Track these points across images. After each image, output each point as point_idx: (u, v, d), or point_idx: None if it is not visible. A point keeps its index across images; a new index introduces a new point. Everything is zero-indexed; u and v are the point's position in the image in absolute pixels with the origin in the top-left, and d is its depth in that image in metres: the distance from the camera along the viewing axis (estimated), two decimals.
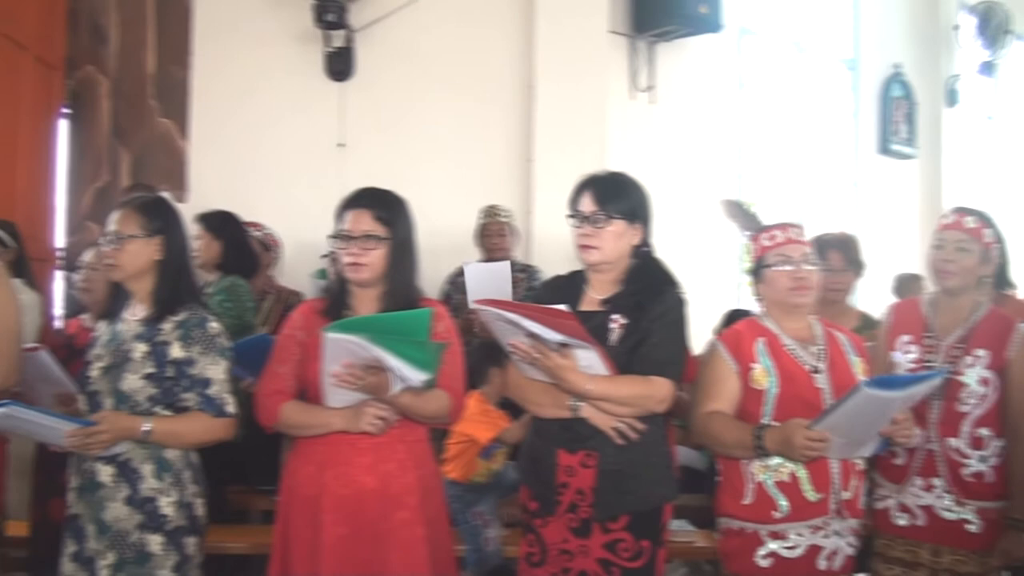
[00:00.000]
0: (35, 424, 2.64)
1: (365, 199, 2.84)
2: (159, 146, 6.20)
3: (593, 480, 2.73)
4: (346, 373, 2.61)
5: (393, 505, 2.74)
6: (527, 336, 2.64)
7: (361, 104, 6.13)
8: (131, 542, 2.69)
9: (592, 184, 2.85)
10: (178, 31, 6.23)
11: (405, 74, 6.13)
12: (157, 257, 2.82)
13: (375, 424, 2.68)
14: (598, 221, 2.78)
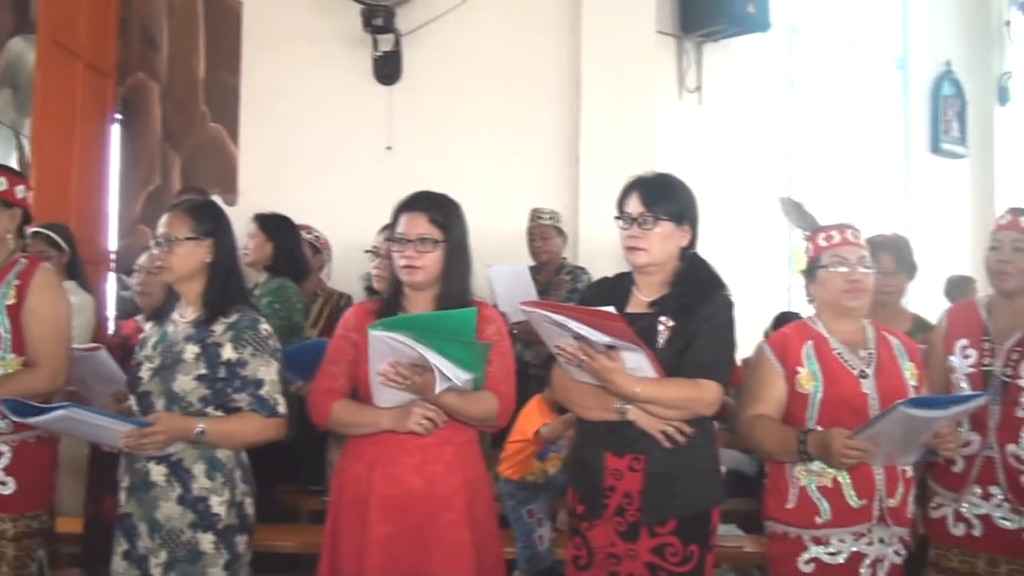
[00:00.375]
0: (92, 425, 2.65)
1: (420, 202, 2.83)
2: (209, 150, 6.29)
3: (641, 483, 2.70)
4: (392, 372, 2.61)
5: (439, 506, 2.73)
6: (574, 338, 2.61)
7: (408, 107, 6.15)
8: (183, 541, 2.71)
9: (639, 185, 2.81)
10: (228, 37, 6.32)
11: (452, 77, 6.14)
12: (207, 259, 2.84)
13: (422, 424, 2.67)
14: (646, 223, 2.75)
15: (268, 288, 4.32)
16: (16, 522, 2.92)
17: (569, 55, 6.00)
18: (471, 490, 2.78)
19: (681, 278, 2.81)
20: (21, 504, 2.93)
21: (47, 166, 5.41)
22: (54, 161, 5.52)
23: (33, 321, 2.96)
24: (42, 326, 2.98)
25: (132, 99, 6.39)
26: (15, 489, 2.91)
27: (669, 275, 2.81)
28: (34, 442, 2.97)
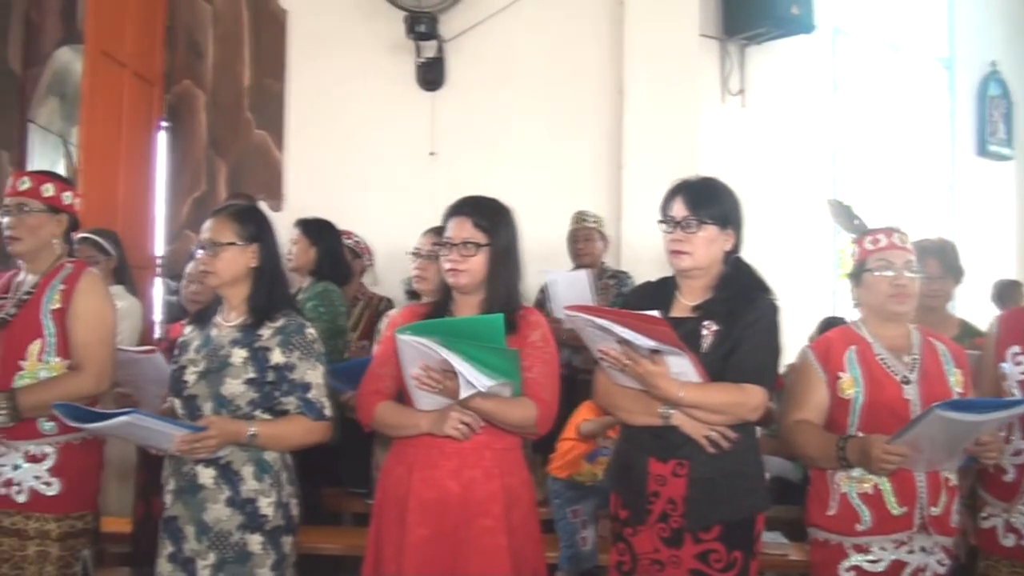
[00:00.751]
0: (150, 430, 2.67)
1: (466, 207, 2.84)
2: (255, 157, 6.35)
3: (685, 489, 2.67)
4: (424, 376, 2.62)
5: (476, 512, 2.72)
6: (618, 342, 2.59)
7: (451, 113, 6.17)
8: (232, 542, 2.73)
9: (684, 189, 2.79)
10: (273, 45, 6.39)
11: (495, 82, 6.15)
12: (252, 264, 2.86)
13: (458, 429, 2.67)
14: (690, 226, 2.73)
15: (312, 292, 4.35)
16: (61, 522, 2.95)
17: (612, 59, 5.97)
18: (509, 496, 2.76)
19: (726, 282, 2.78)
20: (66, 505, 2.96)
21: (95, 173, 5.49)
22: (102, 168, 5.60)
23: (78, 325, 2.99)
24: (87, 330, 3.01)
25: (178, 107, 6.47)
26: (60, 490, 2.94)
27: (713, 279, 2.79)
28: (79, 444, 3.01)
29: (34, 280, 3.05)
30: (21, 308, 3.00)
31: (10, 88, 6.53)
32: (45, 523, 2.93)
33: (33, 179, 3.08)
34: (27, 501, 2.92)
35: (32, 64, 6.59)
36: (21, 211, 3.02)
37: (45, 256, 3.08)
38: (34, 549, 2.91)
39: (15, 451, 2.93)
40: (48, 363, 2.97)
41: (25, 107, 6.58)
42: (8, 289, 3.10)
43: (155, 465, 3.25)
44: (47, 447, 2.95)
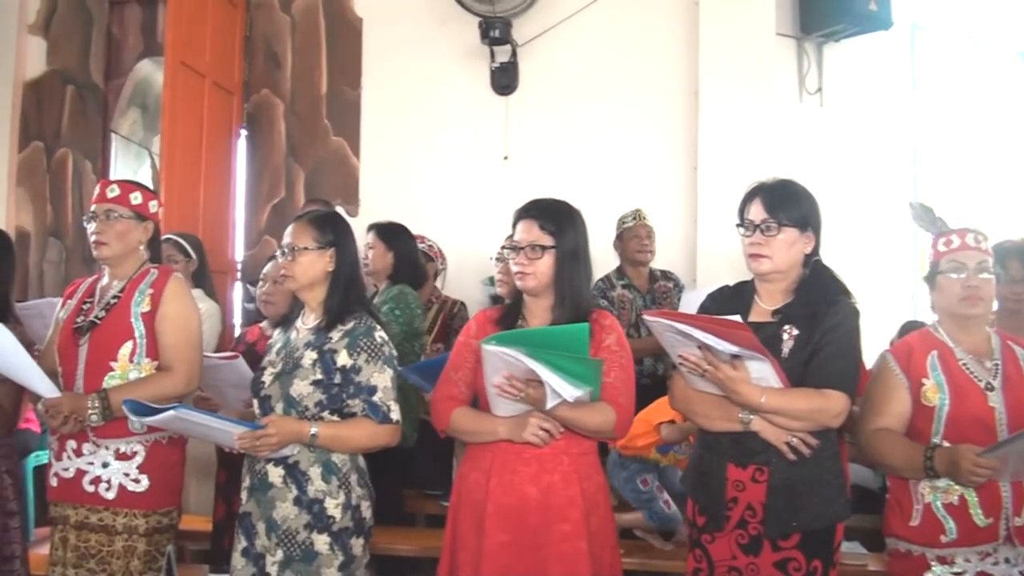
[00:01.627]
0: (205, 426, 2.74)
1: (533, 210, 2.84)
2: (332, 163, 6.43)
3: (764, 496, 2.63)
4: (507, 384, 2.61)
5: (555, 517, 2.70)
6: (698, 347, 2.56)
7: (525, 117, 6.17)
8: (299, 541, 2.77)
9: (762, 191, 2.75)
10: (349, 53, 6.46)
11: (568, 85, 6.12)
12: (329, 268, 2.90)
13: (538, 435, 2.66)
14: (769, 229, 2.68)
15: (389, 295, 4.38)
16: (148, 518, 3.03)
17: (686, 60, 5.91)
18: (588, 501, 2.74)
19: (805, 286, 2.73)
20: (153, 501, 3.04)
21: (176, 181, 5.60)
22: (183, 176, 5.72)
23: (167, 327, 3.07)
24: (176, 332, 3.08)
25: (257, 115, 6.58)
26: (148, 487, 3.02)
27: (793, 283, 2.74)
28: (165, 443, 3.09)
29: (120, 285, 3.12)
30: (109, 312, 3.07)
31: (93, 100, 6.74)
32: (133, 519, 3.00)
33: (122, 187, 3.16)
34: (115, 497, 2.99)
35: (114, 77, 6.78)
36: (109, 217, 3.09)
37: (130, 262, 3.15)
38: (121, 544, 2.99)
39: (105, 449, 3.01)
40: (139, 364, 3.04)
41: (108, 118, 6.78)
42: (92, 294, 3.18)
43: (234, 464, 3.33)
44: (136, 445, 3.03)
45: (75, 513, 3.03)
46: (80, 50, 6.76)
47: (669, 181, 5.95)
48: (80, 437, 3.01)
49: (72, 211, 6.66)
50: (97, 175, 6.58)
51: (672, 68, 5.99)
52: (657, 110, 6.02)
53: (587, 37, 6.09)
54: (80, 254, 6.58)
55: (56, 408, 2.93)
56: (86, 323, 3.07)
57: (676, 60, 5.97)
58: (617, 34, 6.09)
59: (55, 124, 6.74)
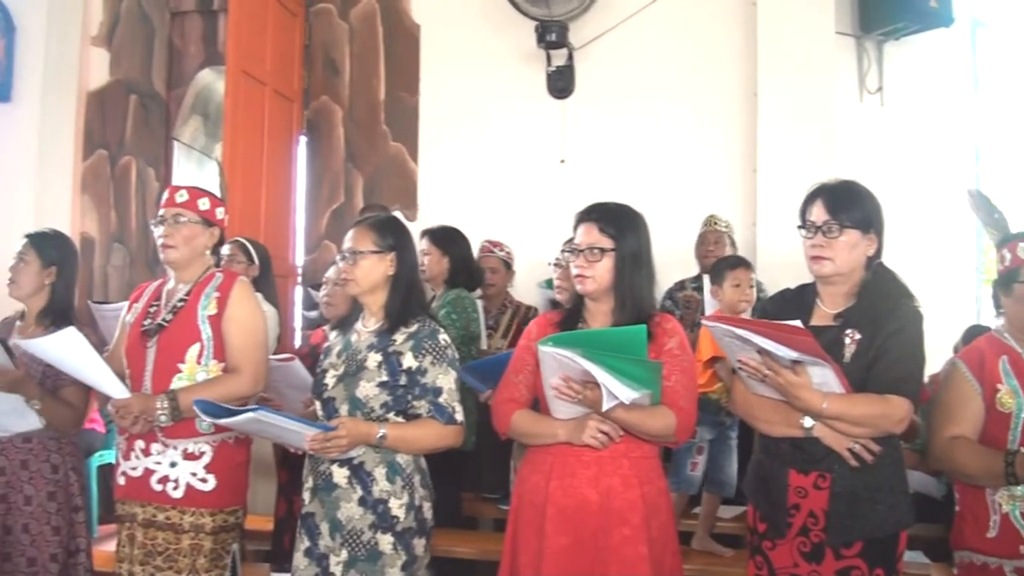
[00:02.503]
0: (279, 428, 2.77)
1: (592, 212, 2.84)
2: (391, 168, 6.51)
3: (826, 503, 2.59)
4: (564, 386, 2.61)
5: (615, 520, 2.69)
6: (758, 352, 2.54)
7: (582, 120, 6.18)
8: (363, 541, 2.79)
9: (823, 192, 2.71)
10: (407, 60, 6.54)
11: (625, 88, 6.12)
12: (390, 273, 2.93)
13: (596, 438, 2.66)
14: (831, 231, 2.64)
15: (446, 299, 4.40)
16: (215, 516, 3.08)
17: (745, 61, 5.87)
18: (649, 506, 2.73)
19: (867, 289, 2.69)
20: (220, 500, 3.09)
21: (238, 187, 5.72)
22: (245, 182, 5.83)
23: (234, 330, 3.12)
24: (242, 334, 3.14)
25: (316, 122, 6.68)
26: (215, 486, 3.07)
27: (855, 286, 2.70)
28: (232, 443, 3.14)
29: (186, 288, 3.18)
30: (176, 315, 3.13)
31: (156, 109, 6.90)
32: (200, 517, 3.06)
33: (191, 192, 3.22)
34: (183, 496, 3.05)
35: (176, 86, 6.94)
36: (177, 221, 3.15)
37: (196, 266, 3.21)
38: (188, 542, 3.04)
39: (173, 449, 3.07)
40: (206, 366, 3.10)
41: (170, 126, 6.93)
42: (159, 297, 3.24)
43: (296, 464, 3.38)
44: (204, 445, 3.09)
45: (142, 511, 3.09)
46: (142, 60, 6.93)
47: (728, 183, 5.92)
48: (148, 437, 3.07)
49: (136, 217, 6.83)
50: (160, 182, 6.73)
51: (730, 69, 5.97)
52: (715, 112, 6.00)
53: (644, 39, 6.09)
54: (144, 259, 6.73)
55: (126, 409, 2.99)
56: (154, 326, 3.13)
57: (734, 61, 5.95)
58: (674, 36, 6.07)
59: (119, 133, 6.91)
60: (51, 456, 3.46)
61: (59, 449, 3.49)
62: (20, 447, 3.43)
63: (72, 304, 3.66)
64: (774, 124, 5.64)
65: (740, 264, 4.27)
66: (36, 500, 3.42)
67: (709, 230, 5.24)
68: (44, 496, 3.43)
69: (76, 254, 3.73)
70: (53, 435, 3.46)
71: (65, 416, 3.44)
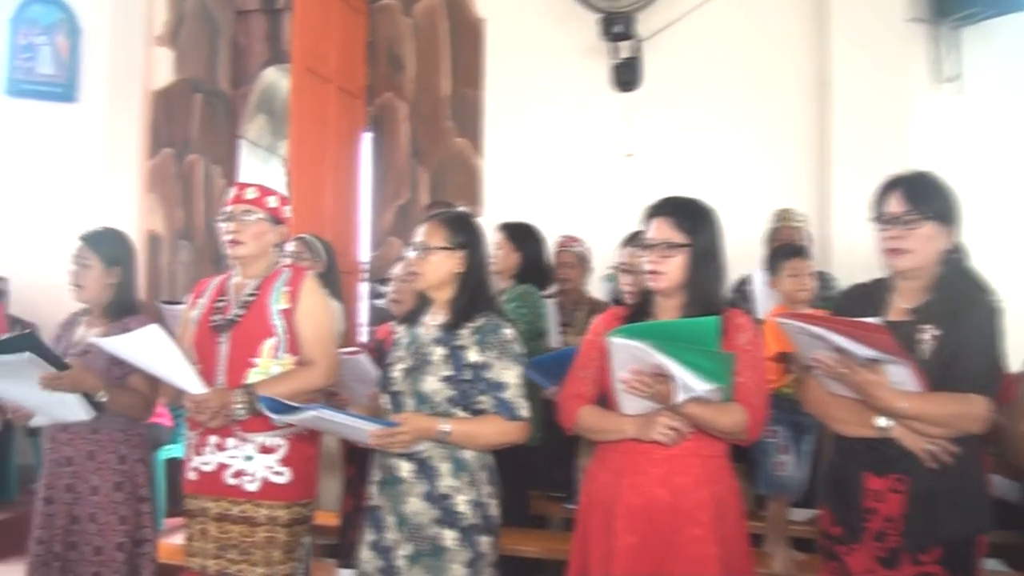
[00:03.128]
0: (342, 425, 2.83)
1: (666, 207, 2.82)
2: (455, 164, 6.57)
3: (903, 506, 2.55)
4: (634, 379, 2.61)
5: (685, 520, 2.67)
6: (834, 350, 2.51)
7: (648, 113, 6.17)
8: (428, 535, 2.82)
9: (901, 183, 2.66)
10: (471, 55, 6.59)
11: (693, 79, 6.10)
12: (458, 270, 2.95)
13: (666, 434, 2.64)
14: (909, 222, 2.59)
15: (514, 294, 4.42)
16: (289, 509, 3.13)
17: (816, 50, 5.81)
18: (719, 505, 2.71)
19: (944, 283, 2.64)
20: (294, 493, 3.15)
21: (303, 184, 5.81)
22: (310, 179, 5.93)
23: (307, 323, 3.18)
24: (315, 328, 3.19)
25: (381, 118, 6.76)
26: (290, 479, 3.14)
27: (931, 280, 2.65)
28: (306, 435, 3.20)
29: (255, 283, 3.24)
30: (248, 309, 3.19)
31: (221, 107, 7.06)
32: (275, 510, 3.11)
33: (260, 190, 3.28)
34: (258, 490, 3.11)
35: (241, 84, 7.08)
36: (246, 217, 3.21)
37: (262, 263, 3.27)
38: (263, 535, 3.10)
39: (250, 443, 3.13)
40: (281, 360, 3.15)
41: (235, 124, 7.08)
42: (223, 292, 3.30)
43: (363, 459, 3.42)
44: (280, 439, 3.14)
45: (215, 505, 3.15)
46: (207, 59, 7.09)
47: (800, 176, 5.87)
48: (223, 432, 3.13)
49: (202, 214, 7.00)
50: (226, 180, 6.88)
51: (801, 59, 5.91)
52: (786, 102, 5.95)
53: (712, 29, 6.06)
54: (210, 255, 6.87)
55: (205, 404, 3.04)
56: (225, 321, 3.19)
57: (805, 50, 5.89)
58: (744, 25, 6.03)
59: (184, 131, 7.08)
60: (118, 447, 3.56)
61: (126, 440, 3.59)
62: (88, 438, 3.54)
63: (135, 297, 3.76)
64: (847, 114, 5.57)
65: (797, 253, 4.23)
66: (103, 490, 3.52)
67: (784, 226, 5.12)
68: (111, 486, 3.53)
69: (134, 248, 3.82)
70: (120, 426, 3.57)
71: (134, 403, 3.54)
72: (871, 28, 5.57)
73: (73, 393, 3.38)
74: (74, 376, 3.37)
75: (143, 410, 3.60)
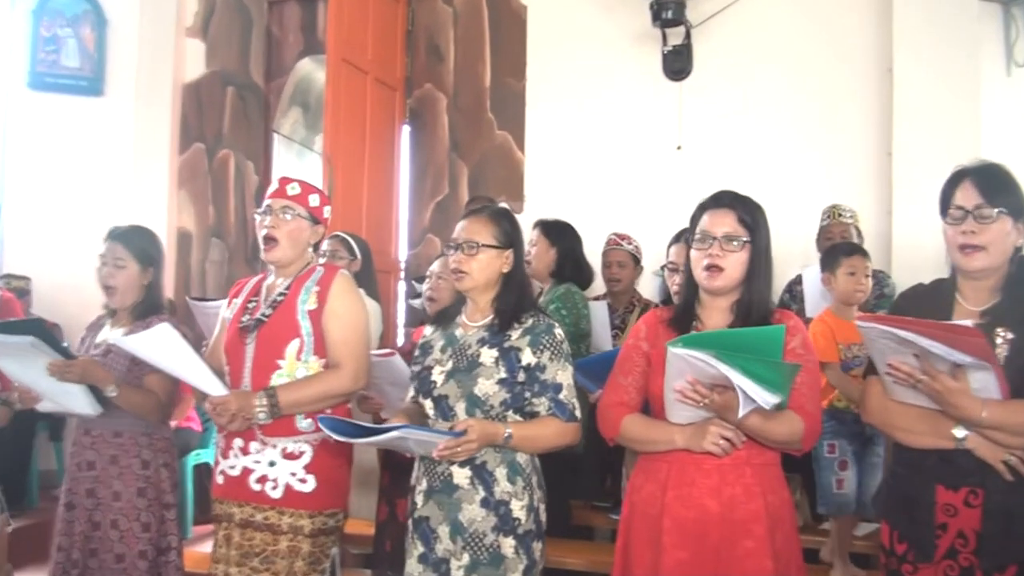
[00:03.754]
0: (423, 442, 2.74)
1: (727, 199, 2.74)
2: (496, 158, 6.54)
3: (978, 522, 2.45)
4: (690, 389, 2.54)
5: (738, 533, 2.61)
6: (914, 355, 2.42)
7: (700, 104, 6.10)
8: (486, 544, 2.78)
9: (972, 174, 2.56)
10: (513, 44, 6.55)
11: (746, 69, 6.01)
12: (506, 269, 2.92)
13: (719, 444, 2.58)
14: (985, 216, 2.50)
15: (555, 294, 4.40)
16: (313, 519, 3.10)
17: (879, 35, 5.69)
18: (773, 517, 2.64)
19: (1013, 283, 2.55)
20: (320, 501, 3.11)
21: (340, 179, 5.80)
22: (347, 175, 5.92)
23: (335, 324, 3.13)
24: (343, 329, 3.14)
25: (420, 110, 6.75)
26: (315, 487, 3.09)
27: (1000, 279, 2.56)
28: (334, 443, 3.10)
29: (287, 282, 3.21)
30: (276, 309, 3.16)
31: (254, 100, 7.08)
32: (299, 519, 3.08)
33: (303, 187, 3.25)
34: (282, 497, 3.08)
35: (274, 76, 7.11)
36: (285, 213, 3.18)
37: (297, 262, 3.24)
38: (286, 544, 3.07)
39: (272, 448, 3.11)
40: (306, 362, 3.11)
41: (269, 118, 7.10)
42: (258, 292, 3.28)
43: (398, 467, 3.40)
44: (304, 445, 3.11)
45: (240, 511, 3.13)
46: (239, 51, 7.11)
47: (860, 169, 5.77)
48: (247, 435, 3.11)
49: (234, 211, 7.03)
50: (259, 175, 6.90)
51: (862, 43, 5.81)
52: (846, 90, 5.85)
53: (767, 13, 5.97)
54: (243, 254, 6.90)
55: (224, 406, 3.02)
56: (252, 321, 3.17)
57: (866, 34, 5.79)
58: (800, 9, 5.95)
59: (216, 125, 7.11)
60: (142, 452, 3.57)
61: (150, 445, 3.59)
62: (111, 442, 3.55)
63: (163, 298, 3.76)
64: (911, 102, 5.44)
65: (856, 251, 4.19)
66: (125, 496, 3.53)
67: (834, 222, 5.07)
68: (134, 492, 3.53)
69: (163, 247, 3.82)
70: (145, 430, 3.57)
71: (147, 404, 3.52)
72: (937, 10, 5.43)
73: (81, 384, 3.38)
74: (83, 365, 3.38)
75: (156, 412, 3.58)
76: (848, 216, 5.06)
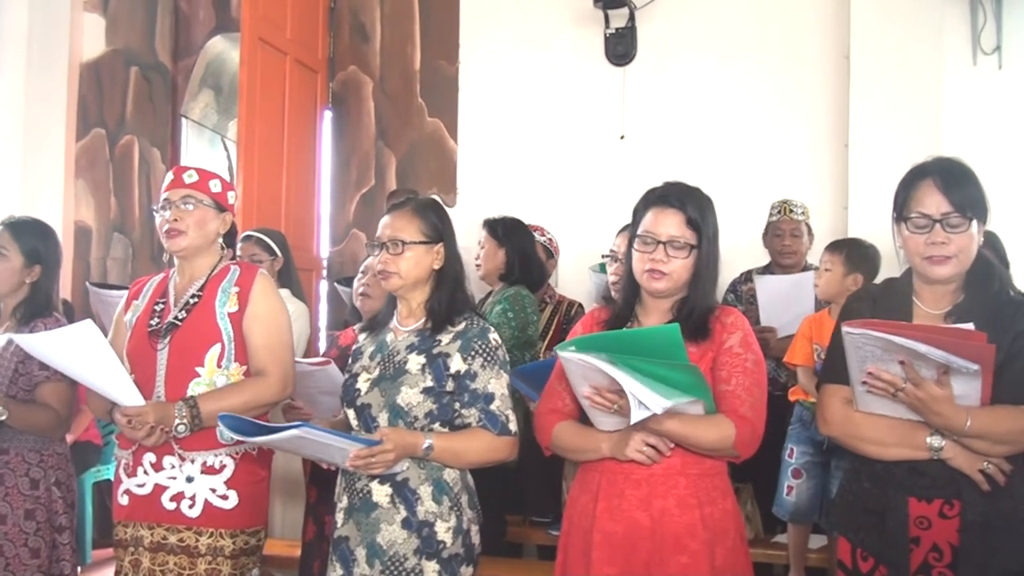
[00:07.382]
0: (321, 444, 2.70)
1: (673, 196, 2.74)
2: (427, 147, 6.53)
3: (955, 535, 2.49)
4: (596, 395, 2.56)
5: (671, 548, 2.62)
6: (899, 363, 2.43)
7: (644, 90, 6.15)
8: (407, 568, 2.76)
9: (934, 174, 2.58)
10: (445, 24, 6.55)
11: (695, 53, 6.08)
12: (437, 266, 2.92)
13: (643, 452, 2.60)
14: (954, 226, 2.52)
15: (503, 296, 4.43)
16: (235, 538, 3.07)
17: (835, 18, 5.78)
18: (712, 530, 2.65)
19: (974, 280, 2.59)
20: (241, 519, 3.08)
21: (256, 170, 5.75)
22: (263, 164, 5.85)
23: (259, 328, 3.12)
24: (268, 333, 3.13)
25: (344, 95, 6.72)
26: (236, 503, 3.07)
27: (961, 277, 2.60)
28: (256, 455, 3.13)
29: (200, 283, 3.18)
30: (191, 312, 3.12)
31: (160, 82, 6.94)
32: (219, 539, 3.05)
33: (200, 173, 3.21)
34: (200, 515, 3.04)
35: (183, 56, 6.98)
36: (187, 204, 3.14)
37: (206, 257, 3.21)
38: (204, 567, 3.04)
39: (191, 462, 3.06)
40: (227, 370, 3.09)
41: (177, 102, 6.97)
42: (163, 293, 3.23)
43: (326, 482, 3.37)
44: (226, 458, 3.08)
45: (150, 534, 3.07)
46: (144, 27, 6.98)
47: (814, 161, 5.87)
48: (161, 450, 3.05)
49: (139, 203, 6.88)
50: (167, 164, 6.77)
51: (818, 29, 5.91)
52: (799, 78, 5.95)
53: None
54: (148, 251, 6.78)
55: (142, 418, 2.95)
56: (164, 325, 3.12)
57: (822, 19, 5.89)
58: None
59: (118, 109, 6.97)
60: (30, 470, 3.51)
61: (40, 462, 3.53)
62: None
63: (54, 298, 3.67)
64: (869, 91, 5.53)
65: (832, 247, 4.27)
66: (11, 519, 3.45)
67: (784, 218, 5.11)
68: (21, 515, 3.47)
69: (59, 248, 3.76)
70: (33, 446, 3.51)
71: (44, 420, 3.48)
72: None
73: None
74: None
75: (55, 428, 3.53)
76: (799, 212, 5.11)
